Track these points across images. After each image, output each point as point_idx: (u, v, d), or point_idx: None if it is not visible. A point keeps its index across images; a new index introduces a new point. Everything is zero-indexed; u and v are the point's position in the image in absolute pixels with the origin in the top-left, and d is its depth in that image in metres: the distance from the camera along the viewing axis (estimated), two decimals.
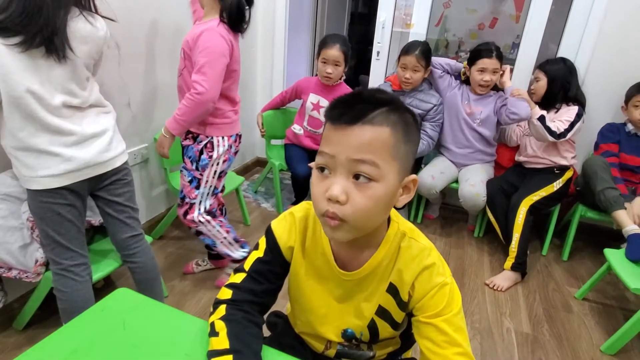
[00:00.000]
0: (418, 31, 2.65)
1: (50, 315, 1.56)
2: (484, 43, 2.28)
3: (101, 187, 1.32)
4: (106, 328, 0.71)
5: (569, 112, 2.17)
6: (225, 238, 1.75)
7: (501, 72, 2.26)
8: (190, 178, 1.65)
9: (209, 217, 1.70)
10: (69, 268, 1.27)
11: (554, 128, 2.11)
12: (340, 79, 2.27)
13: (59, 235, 1.23)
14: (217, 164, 1.66)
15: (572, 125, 2.12)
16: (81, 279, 1.29)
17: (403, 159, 0.62)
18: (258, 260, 0.77)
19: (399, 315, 0.75)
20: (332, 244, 0.74)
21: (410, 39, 2.58)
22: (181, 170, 1.70)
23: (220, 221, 1.75)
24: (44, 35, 1.04)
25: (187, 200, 1.68)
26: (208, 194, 1.69)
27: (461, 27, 2.69)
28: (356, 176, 0.60)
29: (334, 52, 2.13)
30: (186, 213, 1.69)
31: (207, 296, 1.81)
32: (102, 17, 1.22)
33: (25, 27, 1.02)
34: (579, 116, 2.14)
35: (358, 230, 0.63)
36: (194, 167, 1.64)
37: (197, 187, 1.66)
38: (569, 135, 2.12)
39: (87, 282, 1.31)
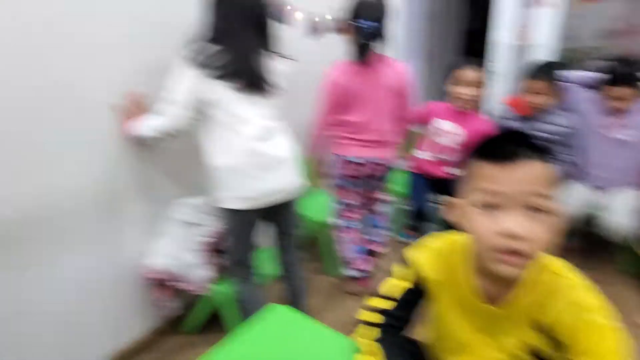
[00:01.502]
0: (540, 44, 2.47)
1: (212, 323, 1.78)
2: (623, 61, 1.98)
3: (276, 212, 1.52)
4: (265, 343, 0.84)
5: None
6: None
7: None
8: None
9: None
10: (245, 278, 1.54)
11: None
12: (473, 106, 2.13)
13: (242, 252, 1.50)
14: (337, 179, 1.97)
15: None
16: (254, 286, 1.57)
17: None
18: (409, 290, 0.83)
19: (549, 355, 0.72)
20: (477, 277, 0.75)
21: (532, 55, 2.44)
22: None
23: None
24: (253, 80, 1.33)
25: None
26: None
27: (592, 35, 2.46)
28: (533, 209, 0.61)
29: (468, 72, 2.06)
30: None
31: (335, 313, 1.93)
32: (283, 57, 1.47)
33: (240, 75, 1.30)
34: None
35: (531, 263, 0.64)
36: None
37: None
38: None
39: (258, 289, 1.59)
